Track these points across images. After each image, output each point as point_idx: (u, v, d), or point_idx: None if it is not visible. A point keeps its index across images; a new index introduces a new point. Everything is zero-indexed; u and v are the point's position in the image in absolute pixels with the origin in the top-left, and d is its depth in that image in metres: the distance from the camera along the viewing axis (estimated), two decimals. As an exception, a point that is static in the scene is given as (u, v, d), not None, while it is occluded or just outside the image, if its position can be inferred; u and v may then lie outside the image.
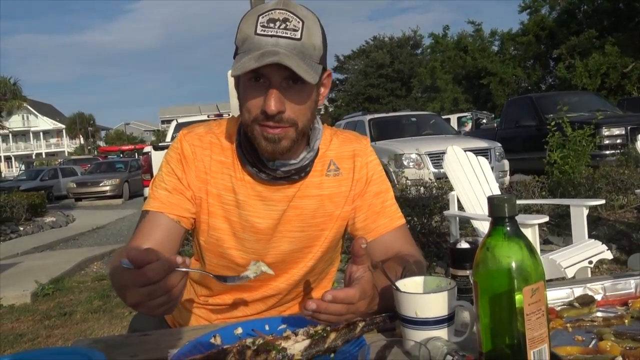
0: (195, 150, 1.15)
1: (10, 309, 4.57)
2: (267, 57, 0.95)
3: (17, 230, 9.89)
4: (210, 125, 1.20)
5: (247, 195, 1.14)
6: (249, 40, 0.99)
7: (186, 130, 1.19)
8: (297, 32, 0.98)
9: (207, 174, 1.15)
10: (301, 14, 1.01)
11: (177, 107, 76.73)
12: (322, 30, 1.05)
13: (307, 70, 0.97)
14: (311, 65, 1.00)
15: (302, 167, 1.13)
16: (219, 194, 1.15)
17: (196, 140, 1.16)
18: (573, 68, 20.02)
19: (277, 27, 0.98)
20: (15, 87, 35.80)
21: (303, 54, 0.99)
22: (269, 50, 0.96)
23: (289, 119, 1.03)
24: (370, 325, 0.91)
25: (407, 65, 33.43)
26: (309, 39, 1.00)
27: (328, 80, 1.11)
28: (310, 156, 1.14)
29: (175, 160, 1.16)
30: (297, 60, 0.97)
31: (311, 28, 1.01)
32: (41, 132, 65.47)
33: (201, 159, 1.15)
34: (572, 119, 7.17)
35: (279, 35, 0.97)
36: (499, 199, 0.72)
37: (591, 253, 3.39)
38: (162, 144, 7.93)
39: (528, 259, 0.71)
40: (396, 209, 1.23)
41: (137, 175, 18.07)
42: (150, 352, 0.96)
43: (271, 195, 1.14)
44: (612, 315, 0.92)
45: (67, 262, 6.19)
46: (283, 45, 0.97)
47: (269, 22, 0.98)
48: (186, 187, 1.14)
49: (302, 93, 1.02)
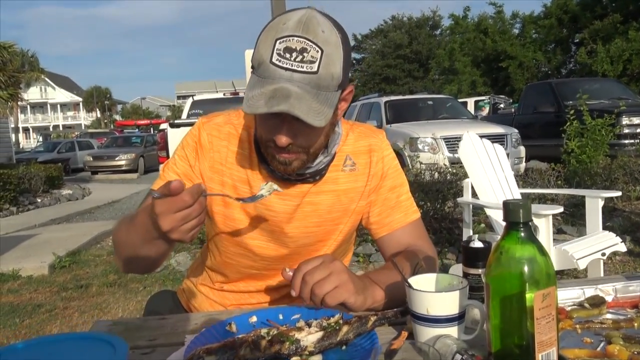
0: (212, 140, 1.16)
1: (29, 279, 4.69)
2: (277, 102, 0.92)
3: (35, 201, 10.08)
4: (229, 116, 1.21)
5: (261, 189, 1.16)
6: (264, 66, 0.95)
7: (205, 119, 1.20)
8: (314, 65, 0.94)
9: (222, 164, 1.16)
10: (322, 41, 0.95)
11: (193, 82, 76.80)
12: (344, 51, 0.98)
13: (319, 110, 0.95)
14: (325, 99, 0.97)
15: (318, 171, 1.14)
16: (234, 185, 1.16)
17: (214, 131, 1.17)
18: (595, 53, 19.59)
19: (293, 60, 0.93)
20: (34, 59, 36.04)
21: (318, 87, 0.96)
22: (281, 87, 0.94)
23: (300, 146, 1.03)
24: (382, 320, 0.93)
25: (425, 46, 33.00)
26: (327, 69, 0.95)
27: (349, 95, 1.08)
28: (327, 160, 1.14)
29: (191, 148, 1.17)
30: (308, 101, 0.94)
31: (331, 55, 0.96)
32: (58, 105, 66.01)
33: (218, 150, 1.16)
34: (591, 106, 7.07)
35: (294, 69, 0.93)
36: (514, 204, 0.73)
37: (604, 245, 3.37)
38: (178, 121, 7.96)
39: (541, 264, 0.72)
40: (411, 203, 1.24)
41: (152, 151, 18.25)
42: (168, 337, 0.99)
43: (286, 191, 1.15)
44: (622, 318, 0.93)
45: (83, 235, 6.31)
46: (298, 80, 0.94)
47: (285, 52, 0.93)
48: (197, 175, 1.16)
49: (314, 127, 0.97)
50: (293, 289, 0.97)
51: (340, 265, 0.98)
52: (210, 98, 10.16)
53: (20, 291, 4.36)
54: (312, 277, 0.95)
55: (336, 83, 0.98)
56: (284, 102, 0.92)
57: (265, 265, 1.24)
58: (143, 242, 1.01)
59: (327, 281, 0.95)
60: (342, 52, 0.98)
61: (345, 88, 1.04)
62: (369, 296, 1.00)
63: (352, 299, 0.96)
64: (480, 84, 25.15)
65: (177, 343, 0.95)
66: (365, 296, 0.99)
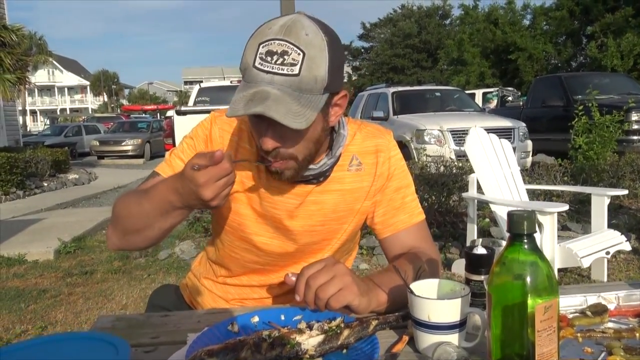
0: (223, 135, 1.18)
1: (34, 264, 4.73)
2: (254, 104, 0.92)
3: (42, 185, 10.14)
4: None
5: (267, 186, 1.17)
6: (248, 71, 0.96)
7: (218, 113, 1.21)
8: (295, 67, 0.94)
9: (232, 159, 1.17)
10: (304, 43, 0.94)
11: (200, 68, 76.73)
12: (331, 54, 0.97)
13: (300, 112, 0.94)
14: (308, 102, 0.96)
15: (322, 172, 1.14)
16: (242, 181, 1.17)
17: (226, 125, 1.19)
18: (605, 47, 19.39)
19: (274, 62, 0.94)
20: (42, 41, 36.07)
21: (300, 90, 0.95)
22: (260, 90, 0.94)
23: (287, 154, 1.03)
24: (383, 324, 0.93)
25: (434, 36, 32.76)
26: (310, 71, 0.94)
27: (343, 101, 1.07)
28: (331, 162, 1.14)
29: (201, 139, 1.19)
30: (288, 103, 0.93)
31: (314, 58, 0.95)
32: (66, 88, 66.15)
33: (229, 145, 1.18)
34: (601, 101, 7.01)
35: (275, 71, 0.94)
36: (518, 215, 0.72)
37: (609, 244, 3.38)
38: (185, 108, 7.95)
39: (543, 277, 0.72)
40: (416, 205, 1.24)
41: (158, 136, 18.28)
42: (171, 334, 1.00)
43: (289, 188, 1.16)
44: (624, 328, 0.93)
45: (89, 221, 6.36)
46: (278, 82, 0.94)
47: (267, 55, 0.94)
48: None
49: (300, 130, 0.97)
50: (297, 293, 0.96)
51: (344, 267, 0.99)
52: (217, 85, 10.15)
53: (25, 276, 4.40)
54: (315, 281, 0.95)
55: (321, 86, 0.97)
56: (260, 104, 0.92)
57: (269, 261, 1.24)
58: (159, 214, 1.04)
59: (331, 284, 0.95)
60: (328, 55, 0.96)
61: (337, 92, 1.04)
62: (374, 298, 1.00)
63: (357, 301, 0.96)
64: (488, 75, 24.97)
65: (179, 341, 0.95)
66: (370, 298, 0.99)
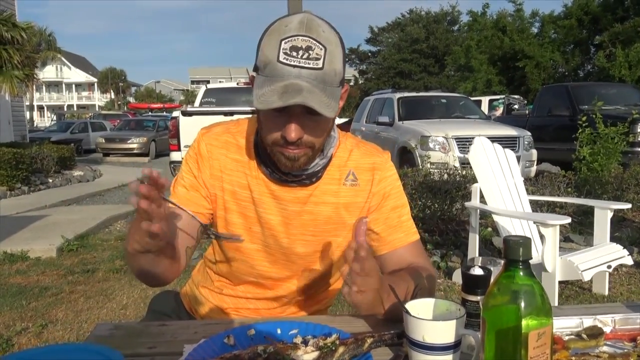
0: (211, 149, 1.21)
1: (37, 261, 4.75)
2: (291, 96, 0.96)
3: (46, 182, 10.18)
4: (228, 125, 1.25)
5: (261, 193, 1.19)
6: (271, 66, 1.00)
7: (205, 130, 1.25)
8: (319, 61, 0.99)
9: (222, 171, 1.20)
10: (324, 39, 1.01)
11: (207, 68, 76.92)
12: (342, 49, 1.05)
13: (328, 103, 1.00)
14: (332, 93, 1.02)
15: (314, 173, 1.17)
16: (234, 191, 1.20)
17: (213, 140, 1.22)
18: (613, 57, 19.32)
19: (300, 57, 0.98)
20: (51, 38, 36.26)
21: (324, 83, 1.01)
22: (292, 83, 0.98)
23: (307, 142, 1.07)
24: (379, 342, 0.94)
25: (442, 42, 32.74)
26: (331, 65, 1.01)
27: (345, 94, 1.12)
28: (323, 162, 1.17)
29: (193, 160, 1.22)
30: (319, 94, 0.99)
31: (333, 52, 1.02)
32: (73, 84, 66.41)
33: (217, 158, 1.20)
34: (607, 112, 6.98)
35: (302, 65, 0.99)
36: (514, 241, 0.73)
37: (611, 257, 3.37)
38: (190, 109, 7.96)
39: (538, 303, 0.72)
40: (411, 225, 1.25)
41: (164, 135, 18.27)
42: (168, 345, 1.01)
43: (283, 195, 1.18)
44: (619, 352, 0.93)
45: (92, 219, 6.38)
46: (305, 76, 0.99)
47: (292, 50, 0.99)
48: (202, 185, 1.21)
49: (320, 121, 1.05)
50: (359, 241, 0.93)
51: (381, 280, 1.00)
52: (224, 87, 10.17)
53: (28, 273, 4.42)
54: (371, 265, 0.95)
55: (338, 79, 1.04)
56: (298, 95, 0.96)
57: (262, 273, 1.26)
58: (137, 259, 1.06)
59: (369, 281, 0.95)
60: (341, 51, 1.05)
61: (343, 86, 1.09)
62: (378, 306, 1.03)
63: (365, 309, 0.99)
64: (495, 82, 24.90)
65: (175, 352, 0.96)
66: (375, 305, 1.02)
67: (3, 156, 8.93)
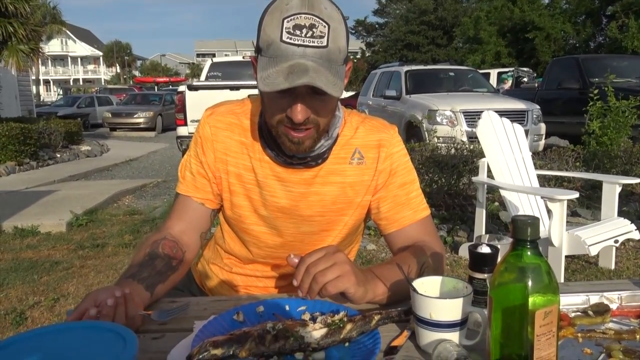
0: (216, 132, 1.20)
1: (47, 236, 4.81)
2: (297, 76, 0.94)
3: (54, 157, 10.24)
4: (232, 106, 1.24)
5: (265, 176, 1.18)
6: (275, 45, 0.97)
7: (209, 111, 1.24)
8: (323, 39, 0.97)
9: (226, 154, 1.20)
10: (327, 16, 0.97)
11: (213, 41, 76.23)
12: (345, 26, 1.02)
13: (335, 82, 0.97)
14: (337, 72, 0.99)
15: (319, 154, 1.15)
16: (239, 173, 1.20)
17: (217, 122, 1.21)
18: (626, 28, 18.95)
19: (304, 35, 0.96)
20: (55, 11, 35.93)
21: (330, 61, 0.98)
22: (297, 63, 0.95)
23: (312, 121, 1.05)
24: (386, 319, 0.95)
25: (450, 13, 32.20)
26: (335, 42, 0.98)
27: (348, 72, 1.09)
28: (328, 144, 1.16)
29: (198, 144, 1.22)
30: (325, 73, 0.96)
31: (336, 29, 0.98)
32: (79, 58, 66.12)
33: (221, 140, 1.20)
34: (618, 85, 6.88)
35: (306, 44, 0.96)
36: (522, 221, 0.73)
37: (618, 232, 3.36)
38: (196, 83, 7.92)
39: (545, 283, 0.73)
40: (421, 200, 1.24)
41: (170, 109, 18.27)
42: (178, 321, 1.02)
43: (289, 177, 1.18)
44: (625, 329, 0.94)
45: (100, 194, 6.43)
46: (310, 54, 0.96)
47: (295, 29, 0.95)
48: (207, 169, 1.21)
49: (327, 101, 1.03)
50: (295, 278, 0.97)
51: (344, 256, 0.99)
52: (230, 60, 10.08)
53: (38, 247, 4.48)
54: (315, 268, 0.95)
55: (342, 57, 1.01)
56: (304, 76, 0.94)
57: (269, 253, 1.27)
58: None
59: (330, 270, 0.95)
60: (344, 28, 1.02)
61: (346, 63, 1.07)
62: (370, 289, 1.01)
63: (353, 289, 0.96)
64: (504, 54, 24.60)
65: (186, 329, 0.97)
66: (366, 289, 1.00)
67: (11, 131, 8.97)
